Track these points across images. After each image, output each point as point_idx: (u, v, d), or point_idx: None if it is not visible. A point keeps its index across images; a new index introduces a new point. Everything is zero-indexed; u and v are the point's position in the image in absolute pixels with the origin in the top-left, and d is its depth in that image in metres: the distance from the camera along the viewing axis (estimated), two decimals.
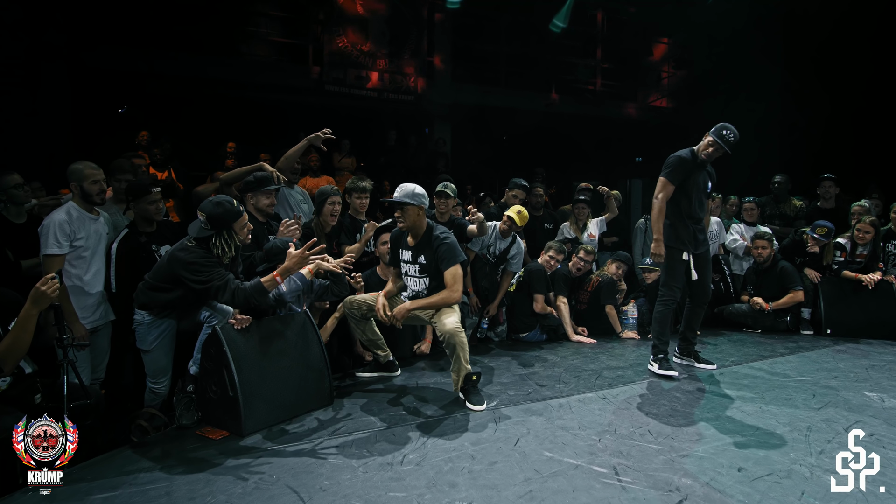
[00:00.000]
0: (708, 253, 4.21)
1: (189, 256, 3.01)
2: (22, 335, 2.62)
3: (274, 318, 3.39)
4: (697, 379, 3.89)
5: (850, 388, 3.64)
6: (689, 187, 3.98)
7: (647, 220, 6.32)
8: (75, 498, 2.30)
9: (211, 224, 3.02)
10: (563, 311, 5.11)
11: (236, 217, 3.07)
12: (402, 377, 4.00)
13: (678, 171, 3.95)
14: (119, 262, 3.56)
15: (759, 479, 2.36)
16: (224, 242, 3.07)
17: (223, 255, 3.08)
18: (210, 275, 2.98)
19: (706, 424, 3.01)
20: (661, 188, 3.98)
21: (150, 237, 3.67)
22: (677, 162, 3.96)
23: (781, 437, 2.83)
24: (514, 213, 4.85)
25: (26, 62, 6.82)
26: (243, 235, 3.15)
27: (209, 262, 3.01)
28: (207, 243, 3.06)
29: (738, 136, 3.84)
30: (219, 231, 3.05)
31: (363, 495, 2.25)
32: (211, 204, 3.05)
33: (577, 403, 3.36)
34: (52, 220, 3.33)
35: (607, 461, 2.54)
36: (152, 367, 3.34)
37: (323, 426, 3.05)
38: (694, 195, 4.00)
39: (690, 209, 4.01)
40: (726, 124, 3.85)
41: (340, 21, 9.63)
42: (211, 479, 2.42)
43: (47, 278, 2.60)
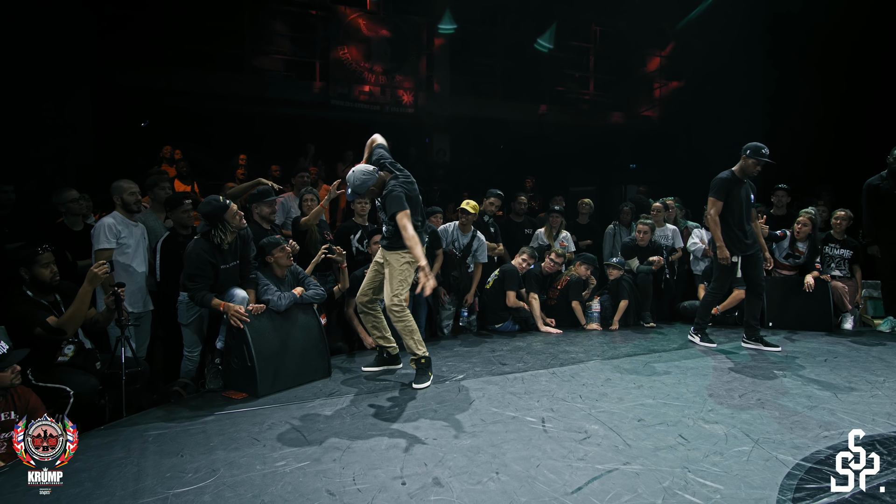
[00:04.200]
0: (758, 253, 5.04)
1: (192, 248, 3.86)
2: (80, 306, 3.46)
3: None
4: (637, 360, 4.62)
5: (762, 367, 4.35)
6: (731, 201, 4.86)
7: (615, 225, 7.09)
8: (136, 433, 3.09)
9: (206, 220, 3.85)
10: (535, 305, 5.87)
11: (224, 209, 3.84)
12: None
13: (722, 190, 4.85)
14: (163, 258, 4.38)
15: (651, 427, 3.09)
16: (220, 232, 3.86)
17: (223, 241, 3.87)
18: (194, 271, 3.79)
19: (628, 392, 3.74)
20: (711, 206, 4.92)
21: (186, 239, 4.47)
22: (720, 182, 4.89)
23: (686, 400, 3.55)
24: (465, 205, 5.68)
25: (55, 80, 7.50)
26: (236, 222, 3.92)
27: (201, 261, 3.79)
28: (209, 235, 3.86)
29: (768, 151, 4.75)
30: (214, 224, 3.84)
31: (349, 434, 3.03)
32: (202, 205, 3.89)
33: (529, 377, 4.12)
34: (102, 223, 4.19)
35: (538, 414, 3.29)
36: (189, 339, 4.17)
37: (321, 391, 3.84)
38: (736, 207, 4.87)
39: (736, 219, 4.89)
40: (759, 145, 4.76)
41: (345, 37, 10.38)
42: (236, 422, 3.23)
43: (99, 263, 3.46)
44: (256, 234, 4.55)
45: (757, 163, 4.76)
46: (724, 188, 4.85)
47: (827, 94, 8.67)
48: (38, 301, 3.48)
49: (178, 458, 2.74)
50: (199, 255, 3.80)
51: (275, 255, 4.19)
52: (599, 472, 2.53)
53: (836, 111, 8.53)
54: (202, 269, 3.80)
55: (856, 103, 8.34)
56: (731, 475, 2.52)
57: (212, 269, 3.85)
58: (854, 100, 8.38)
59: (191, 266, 3.81)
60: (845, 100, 8.49)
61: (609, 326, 6.02)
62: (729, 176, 4.88)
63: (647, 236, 6.29)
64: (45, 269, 3.49)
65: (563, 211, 6.84)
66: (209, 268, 3.83)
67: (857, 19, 8.23)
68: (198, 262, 3.79)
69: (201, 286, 3.77)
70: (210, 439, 2.98)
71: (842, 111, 8.48)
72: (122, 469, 2.63)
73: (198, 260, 3.79)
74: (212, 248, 3.85)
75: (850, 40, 8.38)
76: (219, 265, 3.90)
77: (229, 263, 3.98)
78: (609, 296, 6.18)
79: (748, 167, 4.81)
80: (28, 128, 6.47)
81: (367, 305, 4.22)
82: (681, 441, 2.90)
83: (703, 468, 2.57)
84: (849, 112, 8.40)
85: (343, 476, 2.51)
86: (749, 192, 4.96)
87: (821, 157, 8.53)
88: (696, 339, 5.17)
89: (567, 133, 11.75)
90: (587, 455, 2.71)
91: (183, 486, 2.44)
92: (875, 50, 8.18)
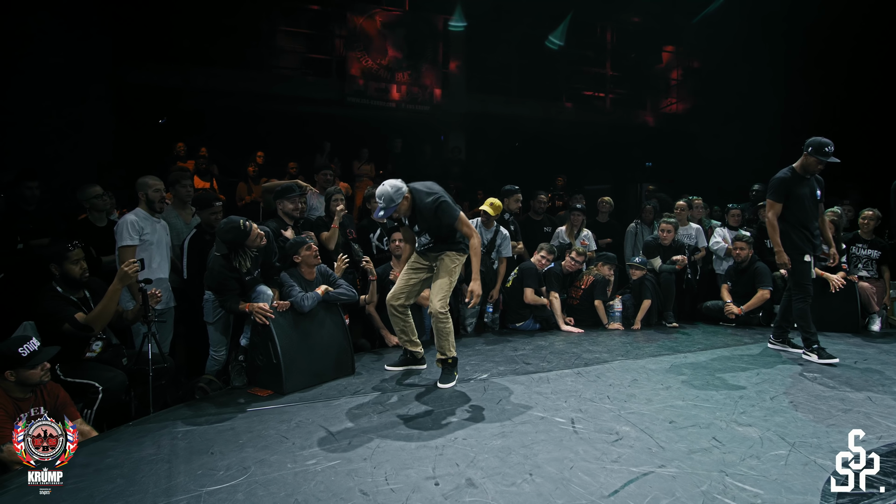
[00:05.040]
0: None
1: (212, 264, 3.82)
2: (109, 304, 3.46)
3: None
4: (662, 360, 4.56)
5: (790, 370, 4.28)
6: (792, 201, 4.54)
7: (637, 224, 7.00)
8: (165, 430, 3.09)
9: (228, 248, 3.77)
10: (556, 304, 5.81)
11: (245, 236, 3.75)
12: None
13: (780, 190, 4.53)
14: (190, 255, 4.38)
15: (683, 429, 3.04)
16: (241, 258, 3.84)
17: (241, 265, 3.84)
18: (217, 286, 3.83)
19: (657, 393, 3.69)
20: (769, 208, 4.62)
21: (213, 238, 4.46)
22: (777, 183, 4.56)
23: (716, 402, 3.49)
24: (487, 206, 5.61)
25: (74, 79, 7.56)
26: (257, 244, 3.86)
27: (223, 277, 3.77)
28: (230, 259, 3.80)
29: (833, 149, 4.40)
30: (234, 250, 3.78)
31: (378, 432, 3.00)
32: (222, 230, 3.74)
33: (554, 377, 4.07)
34: (125, 220, 4.20)
35: (567, 415, 3.25)
36: (215, 338, 4.17)
37: (346, 389, 3.82)
38: (798, 206, 4.53)
39: (801, 218, 4.55)
40: (824, 141, 4.39)
41: (360, 41, 10.36)
42: (263, 420, 3.21)
43: (130, 262, 3.45)
44: (280, 230, 4.57)
45: (819, 162, 4.42)
46: (781, 189, 4.52)
47: (853, 91, 8.52)
48: (68, 297, 3.49)
49: (209, 455, 2.73)
50: (220, 271, 3.79)
51: (302, 255, 4.17)
52: (635, 475, 2.48)
53: (865, 109, 8.38)
54: (225, 284, 3.81)
55: (885, 101, 8.19)
56: (769, 479, 2.46)
57: (236, 282, 3.86)
58: (883, 97, 8.23)
59: (213, 280, 3.83)
60: (874, 97, 8.34)
61: (631, 326, 5.96)
62: (788, 175, 4.54)
63: (670, 235, 6.21)
64: (74, 266, 3.50)
65: (584, 209, 6.77)
66: (232, 281, 3.84)
67: (889, 15, 8.08)
68: (220, 277, 3.79)
69: (228, 296, 3.82)
70: (239, 437, 2.97)
71: (870, 109, 8.33)
72: (153, 466, 2.63)
73: (220, 276, 3.79)
74: (232, 266, 3.85)
75: (883, 37, 8.22)
76: (242, 278, 3.91)
77: (253, 274, 4.00)
78: (631, 295, 6.11)
79: (809, 165, 4.47)
80: (47, 126, 6.52)
81: (399, 309, 4.07)
82: (715, 444, 2.84)
83: (741, 472, 2.52)
84: (878, 110, 8.25)
85: (375, 475, 2.49)
86: (815, 188, 4.60)
87: (848, 155, 8.37)
88: (812, 356, 4.50)
89: (582, 130, 11.70)
90: (621, 457, 2.67)
91: (215, 483, 2.43)
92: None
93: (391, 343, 4.97)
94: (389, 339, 4.97)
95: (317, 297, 4.07)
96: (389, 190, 3.66)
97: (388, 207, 3.69)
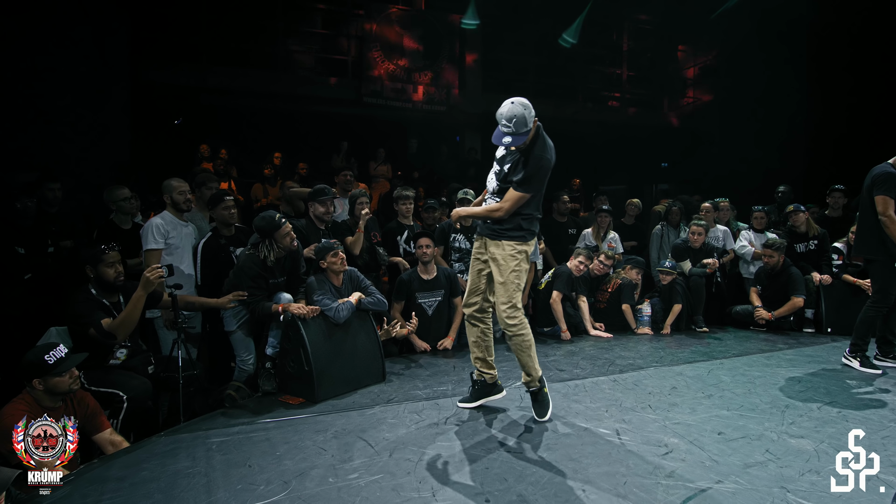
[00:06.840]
0: None
1: (242, 261, 3.88)
2: (133, 311, 3.37)
3: None
4: (699, 367, 4.44)
5: (833, 376, 4.14)
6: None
7: (663, 226, 6.85)
8: (198, 440, 3.01)
9: (258, 233, 3.83)
10: (584, 308, 5.69)
11: (276, 228, 3.78)
12: (441, 362, 4.63)
13: (893, 185, 4.07)
14: (203, 260, 4.29)
15: (734, 441, 2.93)
16: (267, 248, 3.82)
17: (267, 257, 3.82)
18: (247, 282, 3.82)
19: (700, 401, 3.57)
20: (884, 206, 4.05)
21: (228, 240, 4.39)
22: (888, 177, 4.09)
23: (762, 411, 3.38)
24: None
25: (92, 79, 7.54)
26: (286, 243, 3.86)
27: (253, 273, 3.80)
28: (258, 247, 3.84)
29: None
30: (263, 239, 3.81)
31: (417, 443, 2.91)
32: (258, 218, 3.85)
33: (590, 384, 3.96)
34: (151, 223, 4.13)
35: (611, 426, 3.14)
36: (238, 346, 4.08)
37: (379, 397, 3.72)
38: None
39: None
40: None
41: (377, 41, 10.29)
42: (298, 430, 3.12)
43: (154, 268, 3.37)
44: (310, 233, 4.49)
45: None
46: (892, 183, 4.05)
47: (881, 89, 8.32)
48: (100, 300, 3.42)
49: (247, 468, 2.64)
50: (251, 267, 3.82)
51: (328, 260, 4.07)
52: (693, 491, 2.37)
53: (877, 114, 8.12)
54: (256, 281, 3.81)
55: None
56: (834, 496, 2.35)
57: (265, 282, 3.86)
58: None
59: (243, 278, 3.82)
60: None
61: (660, 330, 5.82)
62: (894, 170, 4.12)
63: (700, 238, 6.06)
64: (109, 269, 3.43)
65: (611, 210, 6.63)
66: (262, 280, 3.84)
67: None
68: (250, 273, 3.81)
69: (258, 297, 3.79)
70: (275, 448, 2.87)
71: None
72: (190, 480, 2.54)
73: (250, 272, 3.81)
74: (260, 261, 3.85)
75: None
76: (267, 279, 3.90)
77: (277, 279, 3.98)
78: (660, 299, 5.98)
79: None
80: (66, 126, 6.48)
81: (477, 314, 3.36)
82: (770, 457, 2.73)
83: (802, 488, 2.41)
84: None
85: (421, 490, 2.39)
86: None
87: (877, 156, 8.21)
88: (853, 362, 4.31)
89: (597, 130, 11.57)
90: (675, 472, 2.56)
91: (256, 499, 2.34)
92: None
93: (420, 348, 4.87)
94: (418, 345, 4.87)
95: (351, 307, 3.97)
96: (522, 110, 2.83)
97: (517, 134, 2.85)
